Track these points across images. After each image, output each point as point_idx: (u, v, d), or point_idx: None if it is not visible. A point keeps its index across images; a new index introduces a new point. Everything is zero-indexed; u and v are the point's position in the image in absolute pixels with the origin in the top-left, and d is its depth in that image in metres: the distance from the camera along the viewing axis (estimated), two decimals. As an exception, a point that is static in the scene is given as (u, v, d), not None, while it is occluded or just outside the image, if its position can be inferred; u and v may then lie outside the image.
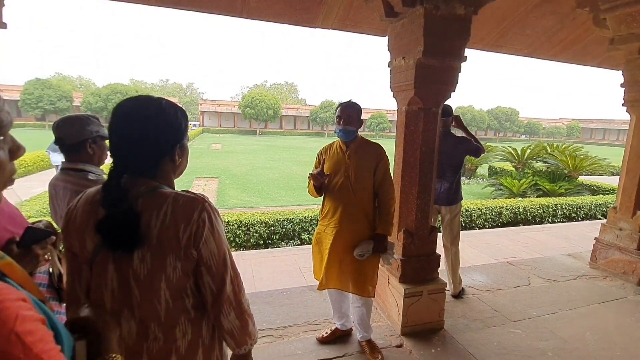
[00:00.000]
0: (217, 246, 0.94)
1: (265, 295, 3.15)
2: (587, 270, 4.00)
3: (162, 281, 0.89)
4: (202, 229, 0.90)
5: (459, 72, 2.47)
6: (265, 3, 3.33)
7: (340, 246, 2.23)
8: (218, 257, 0.95)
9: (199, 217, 0.90)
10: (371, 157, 2.25)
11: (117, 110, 0.92)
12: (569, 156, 11.46)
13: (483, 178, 15.26)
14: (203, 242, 0.91)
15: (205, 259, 0.93)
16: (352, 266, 2.24)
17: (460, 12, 2.30)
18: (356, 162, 2.23)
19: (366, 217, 2.26)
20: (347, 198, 2.22)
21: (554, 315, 3.00)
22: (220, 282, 0.96)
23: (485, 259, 4.57)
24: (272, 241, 5.59)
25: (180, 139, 0.99)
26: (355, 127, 2.24)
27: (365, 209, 2.25)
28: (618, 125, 64.13)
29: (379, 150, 2.27)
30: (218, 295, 0.96)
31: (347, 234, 2.22)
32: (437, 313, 2.70)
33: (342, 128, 2.21)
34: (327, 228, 2.28)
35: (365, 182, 2.23)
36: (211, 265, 0.94)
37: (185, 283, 0.93)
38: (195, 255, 0.92)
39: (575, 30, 4.49)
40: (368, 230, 2.26)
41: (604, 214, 8.14)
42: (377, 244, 2.22)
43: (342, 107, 2.24)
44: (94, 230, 0.88)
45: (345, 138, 2.25)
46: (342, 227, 2.22)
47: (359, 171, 2.22)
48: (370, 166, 2.23)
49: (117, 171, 0.90)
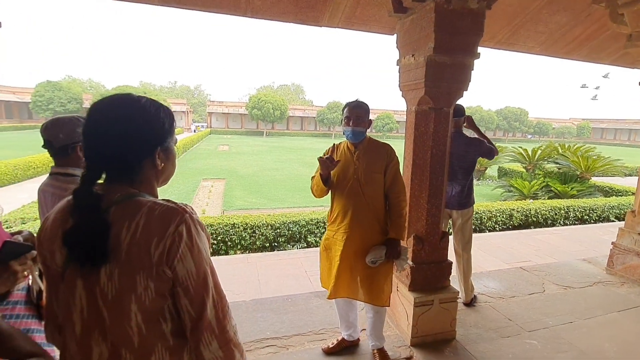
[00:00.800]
0: (196, 264, 0.82)
1: (269, 302, 3.06)
2: (603, 276, 3.84)
3: (132, 302, 0.78)
4: (177, 243, 0.79)
5: (472, 69, 2.35)
6: (270, 1, 3.25)
7: (351, 252, 2.12)
8: (197, 277, 0.83)
9: (175, 230, 0.79)
10: (381, 158, 2.15)
11: (92, 110, 0.83)
12: (581, 157, 11.18)
13: (492, 179, 15.03)
14: (178, 259, 0.80)
15: (181, 279, 0.81)
16: (364, 273, 2.13)
17: (473, 6, 2.19)
18: (365, 163, 2.13)
19: (377, 221, 2.15)
20: (357, 201, 2.12)
21: (571, 325, 2.86)
22: (200, 305, 0.83)
23: (496, 263, 4.43)
24: (279, 244, 5.51)
25: (162, 140, 0.89)
26: (365, 128, 2.14)
27: (377, 213, 2.15)
28: (630, 125, 62.94)
29: (388, 151, 2.18)
30: (197, 320, 0.83)
31: (358, 239, 2.11)
32: (448, 323, 2.58)
33: (351, 129, 2.12)
34: (337, 233, 2.17)
35: (376, 184, 2.13)
36: (188, 287, 0.82)
37: (161, 305, 0.82)
38: (170, 274, 0.80)
39: (590, 27, 4.33)
40: (380, 234, 2.16)
41: (618, 216, 7.91)
42: (389, 250, 2.10)
43: (351, 107, 2.14)
44: (62, 242, 0.79)
45: (355, 139, 2.16)
46: (352, 232, 2.11)
47: (368, 173, 2.12)
48: (380, 167, 2.14)
49: (90, 176, 0.81)
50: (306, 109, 58.09)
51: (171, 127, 0.92)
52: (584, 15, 4.07)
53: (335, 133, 52.88)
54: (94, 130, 0.82)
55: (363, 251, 2.11)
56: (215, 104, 54.31)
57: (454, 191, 3.03)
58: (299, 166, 17.98)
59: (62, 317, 0.84)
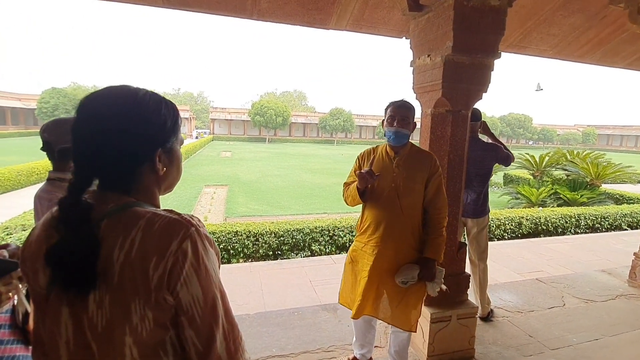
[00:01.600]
0: (204, 288, 0.68)
1: (275, 316, 2.90)
2: (625, 288, 3.66)
3: (127, 335, 0.64)
4: (181, 264, 0.65)
5: (492, 70, 2.22)
6: (277, 3, 3.16)
7: (380, 269, 1.92)
8: (204, 303, 0.68)
9: (178, 247, 0.65)
10: (424, 168, 1.96)
11: (81, 106, 0.70)
12: (591, 164, 10.98)
13: (498, 186, 14.82)
14: (182, 283, 0.65)
15: (185, 307, 0.67)
16: (393, 292, 1.94)
17: (495, 3, 2.06)
18: (406, 172, 1.94)
19: (413, 237, 1.96)
20: (392, 213, 1.93)
21: (596, 343, 2.68)
22: (208, 337, 0.69)
23: (509, 274, 4.25)
24: (282, 252, 5.35)
25: (163, 141, 0.75)
26: (409, 131, 1.95)
27: (413, 227, 1.95)
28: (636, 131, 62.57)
29: (432, 161, 1.98)
30: (205, 355, 0.69)
31: (390, 255, 1.93)
32: (467, 340, 2.41)
33: (394, 130, 1.91)
34: (366, 246, 1.98)
35: (415, 196, 1.95)
36: (194, 315, 0.68)
37: (161, 337, 0.68)
38: (172, 301, 0.66)
39: (605, 30, 4.22)
40: (414, 251, 1.97)
41: (630, 224, 7.71)
42: (424, 270, 1.90)
43: (396, 106, 1.95)
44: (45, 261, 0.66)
45: (397, 142, 1.96)
46: (384, 246, 1.92)
47: (409, 183, 1.93)
48: (422, 178, 1.95)
49: (79, 183, 0.68)
50: (308, 115, 58.23)
51: (175, 125, 0.78)
52: (598, 17, 3.95)
53: (337, 140, 52.90)
54: (83, 130, 0.69)
55: (394, 268, 1.92)
56: (218, 111, 54.57)
57: (470, 199, 2.88)
58: (302, 172, 17.87)
59: (48, 347, 0.70)
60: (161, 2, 3.04)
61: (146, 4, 3.10)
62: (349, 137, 56.83)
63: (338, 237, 5.58)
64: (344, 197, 2.10)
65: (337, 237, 5.58)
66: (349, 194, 2.02)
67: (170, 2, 3.05)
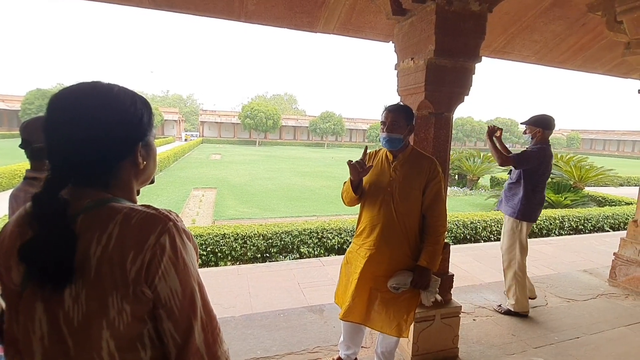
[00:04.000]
0: (182, 281, 0.69)
1: (261, 318, 2.89)
2: (606, 288, 3.75)
3: (104, 328, 0.64)
4: (159, 258, 0.66)
5: (474, 73, 2.26)
6: (264, 6, 3.16)
7: (372, 273, 1.90)
8: (182, 296, 0.69)
9: (156, 241, 0.66)
10: (421, 173, 1.91)
11: (54, 102, 0.69)
12: (574, 167, 11.25)
13: (485, 189, 15.05)
14: (160, 276, 0.66)
15: (163, 300, 0.67)
16: (384, 298, 1.91)
17: (475, 9, 2.11)
18: (403, 176, 1.91)
19: (408, 243, 1.92)
20: (387, 217, 1.89)
21: (577, 341, 2.74)
22: (186, 329, 0.70)
23: (494, 274, 4.30)
24: (270, 254, 5.34)
25: (143, 135, 0.77)
26: (401, 134, 1.90)
27: (408, 233, 1.91)
28: (618, 136, 64.28)
29: (432, 166, 1.93)
30: (183, 347, 0.70)
31: (383, 260, 1.90)
32: (450, 340, 2.44)
33: (385, 135, 1.90)
34: (361, 249, 1.96)
35: (412, 202, 1.90)
36: (172, 308, 0.68)
37: (138, 330, 0.68)
38: (150, 294, 0.67)
39: (585, 36, 4.34)
40: (408, 259, 1.93)
41: (612, 226, 7.90)
42: (417, 278, 1.86)
43: (387, 111, 1.93)
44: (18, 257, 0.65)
45: (390, 147, 1.93)
46: (377, 250, 1.89)
47: (405, 188, 1.90)
48: (420, 183, 1.90)
49: (55, 180, 0.67)
50: (299, 118, 58.27)
51: (150, 119, 0.80)
52: (579, 24, 4.07)
53: (327, 143, 53.02)
54: (59, 126, 0.68)
55: (385, 273, 1.89)
56: (207, 113, 54.22)
57: None
58: (292, 175, 17.84)
59: (22, 344, 0.70)
60: (147, 3, 3.03)
61: (133, 5, 3.08)
62: (339, 140, 57.02)
63: (327, 240, 5.59)
64: (341, 195, 2.07)
65: (326, 240, 5.59)
66: (345, 188, 2.00)
67: (156, 3, 3.03)
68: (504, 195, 3.23)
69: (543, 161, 3.00)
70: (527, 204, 2.99)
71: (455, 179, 16.35)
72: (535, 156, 2.98)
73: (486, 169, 15.22)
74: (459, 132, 55.01)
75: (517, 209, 3.02)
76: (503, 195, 3.24)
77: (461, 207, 11.24)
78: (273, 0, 3.04)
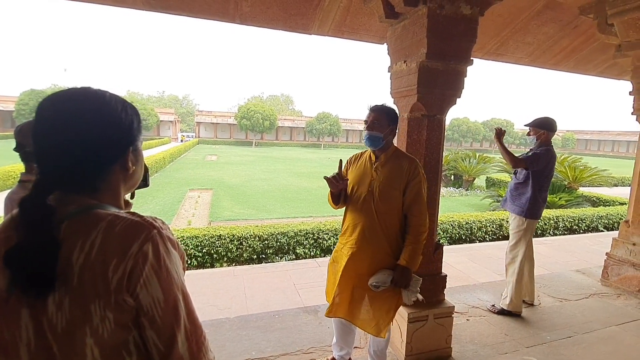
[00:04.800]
0: (164, 290, 0.69)
1: (255, 319, 2.89)
2: (598, 287, 3.78)
3: (87, 335, 0.65)
4: (141, 266, 0.66)
5: (465, 76, 2.29)
6: (259, 8, 3.17)
7: (354, 270, 1.94)
8: (165, 305, 0.69)
9: (139, 249, 0.66)
10: (401, 173, 1.94)
11: (44, 107, 0.69)
12: (569, 167, 11.34)
13: (481, 189, 15.13)
14: (141, 284, 0.67)
15: (145, 308, 0.68)
16: (366, 296, 1.95)
17: (467, 12, 2.13)
18: (383, 176, 1.95)
19: (388, 242, 1.95)
20: (368, 217, 1.93)
21: (569, 340, 2.77)
22: (169, 338, 0.70)
23: (488, 275, 4.34)
24: (266, 255, 5.34)
25: (133, 141, 0.78)
26: (382, 133, 1.93)
27: (388, 233, 1.94)
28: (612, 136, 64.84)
29: (412, 165, 1.96)
30: (166, 355, 0.70)
31: (364, 258, 1.93)
32: (444, 339, 2.46)
33: (366, 133, 1.94)
34: (344, 247, 2.01)
35: (392, 201, 1.93)
36: (155, 317, 0.68)
37: (123, 338, 0.69)
38: (132, 302, 0.67)
39: (577, 39, 4.39)
40: (389, 257, 1.96)
41: (607, 226, 7.97)
42: (397, 277, 1.89)
43: (370, 110, 1.99)
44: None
45: (370, 145, 1.97)
46: (359, 249, 1.93)
47: (385, 188, 1.93)
48: (400, 183, 1.93)
49: (43, 185, 0.68)
50: (295, 119, 58.25)
51: (139, 124, 0.81)
52: (571, 27, 4.11)
53: (324, 143, 53.06)
54: (48, 132, 0.69)
55: (368, 272, 1.93)
56: (203, 114, 54.07)
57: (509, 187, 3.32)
58: (288, 176, 17.84)
59: (9, 349, 0.70)
60: (142, 4, 3.03)
61: (127, 7, 3.09)
62: (335, 141, 57.09)
63: (323, 241, 5.60)
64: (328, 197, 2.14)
65: (322, 241, 5.60)
66: (328, 196, 2.08)
67: (151, 5, 3.04)
68: (509, 195, 3.29)
69: (550, 162, 3.12)
70: (534, 202, 3.09)
71: (451, 179, 16.43)
72: (544, 157, 3.08)
73: (482, 169, 15.31)
74: (455, 132, 55.29)
75: (525, 208, 3.10)
76: (508, 194, 3.30)
77: (457, 208, 11.29)
78: (268, 2, 3.05)
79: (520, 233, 3.14)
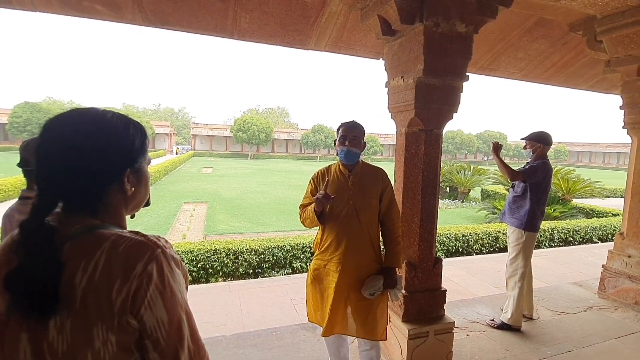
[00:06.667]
0: (169, 311, 0.68)
1: (252, 337, 2.84)
2: (596, 300, 3.78)
3: (88, 359, 0.63)
4: (145, 287, 0.65)
5: (461, 91, 2.33)
6: (257, 24, 3.21)
7: (346, 284, 1.96)
8: (169, 326, 0.68)
9: (143, 270, 0.65)
10: (377, 183, 2.05)
11: (47, 127, 0.70)
12: (562, 179, 11.45)
13: (476, 201, 15.21)
14: (146, 306, 0.65)
15: (149, 330, 0.66)
16: (358, 306, 1.98)
17: (462, 30, 2.18)
18: (361, 188, 2.02)
19: (373, 249, 2.04)
20: (352, 229, 1.98)
21: (570, 354, 2.74)
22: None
23: (487, 288, 4.32)
24: (262, 270, 5.28)
25: (132, 162, 0.76)
26: (360, 150, 2.04)
27: (372, 240, 2.04)
28: (603, 148, 65.86)
29: (383, 175, 2.10)
30: None
31: (353, 270, 1.97)
32: (444, 356, 2.43)
33: (347, 149, 1.99)
34: (329, 264, 2.00)
35: (372, 210, 2.03)
36: (158, 339, 0.67)
37: None
38: (136, 324, 0.66)
39: (567, 54, 4.49)
40: (376, 263, 2.04)
41: (601, 237, 8.02)
42: (387, 279, 1.99)
43: (347, 127, 2.04)
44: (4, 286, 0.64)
45: (348, 160, 2.03)
46: (347, 262, 1.96)
47: (365, 199, 2.01)
48: (376, 192, 2.04)
49: (43, 206, 0.67)
50: (291, 131, 58.56)
51: (143, 144, 0.80)
52: (561, 43, 4.22)
53: (320, 156, 53.27)
54: (49, 153, 0.69)
55: (357, 282, 1.97)
56: (199, 126, 54.14)
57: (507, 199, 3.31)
58: (284, 189, 17.80)
59: None
60: (141, 20, 3.06)
61: (126, 22, 3.11)
62: (331, 153, 57.29)
63: (319, 254, 5.56)
64: (301, 219, 2.12)
65: (318, 254, 5.56)
66: (307, 216, 2.05)
67: (150, 20, 3.07)
68: (507, 208, 3.30)
69: (547, 174, 3.14)
70: (533, 215, 3.11)
71: (446, 191, 16.51)
72: (541, 170, 3.12)
73: (477, 181, 15.41)
74: (449, 144, 55.85)
75: (524, 221, 3.11)
76: (507, 207, 3.31)
77: (453, 220, 11.31)
78: (265, 18, 3.09)
79: (519, 246, 3.14)
